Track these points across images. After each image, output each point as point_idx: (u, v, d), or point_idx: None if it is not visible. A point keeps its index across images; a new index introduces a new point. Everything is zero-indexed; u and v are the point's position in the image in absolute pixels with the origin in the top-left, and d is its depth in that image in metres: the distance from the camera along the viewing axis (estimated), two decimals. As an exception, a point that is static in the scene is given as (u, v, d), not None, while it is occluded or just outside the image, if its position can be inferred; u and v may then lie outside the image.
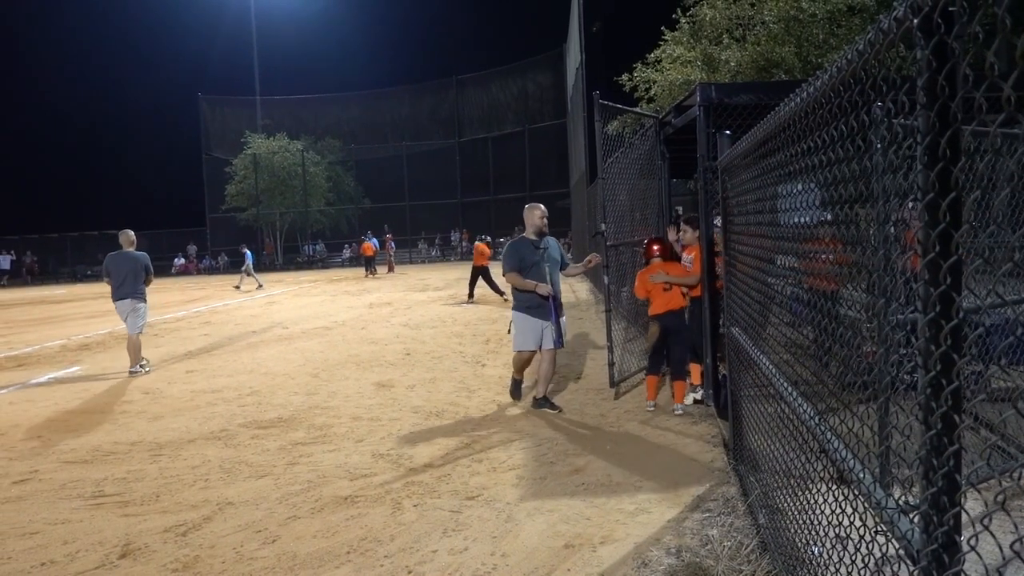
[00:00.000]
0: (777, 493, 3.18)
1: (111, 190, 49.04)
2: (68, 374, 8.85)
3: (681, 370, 6.01)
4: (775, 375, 2.83)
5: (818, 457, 2.27)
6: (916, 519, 1.33)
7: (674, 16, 16.57)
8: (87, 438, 5.85)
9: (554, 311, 6.02)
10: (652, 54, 16.99)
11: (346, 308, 15.75)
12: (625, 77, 17.39)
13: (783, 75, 14.29)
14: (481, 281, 15.61)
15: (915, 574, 1.31)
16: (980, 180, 3.43)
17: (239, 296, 21.04)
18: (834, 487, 2.14)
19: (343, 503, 4.15)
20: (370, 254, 28.34)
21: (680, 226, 6.59)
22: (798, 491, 2.69)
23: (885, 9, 13.00)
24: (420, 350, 9.45)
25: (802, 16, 13.99)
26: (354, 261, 34.96)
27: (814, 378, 2.46)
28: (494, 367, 8.11)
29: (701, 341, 6.02)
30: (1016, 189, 3.58)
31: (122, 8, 51.44)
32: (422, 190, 42.29)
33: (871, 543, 1.71)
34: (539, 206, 6.27)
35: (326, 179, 41.87)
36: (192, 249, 42.57)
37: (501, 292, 15.30)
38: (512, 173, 40.82)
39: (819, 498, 2.33)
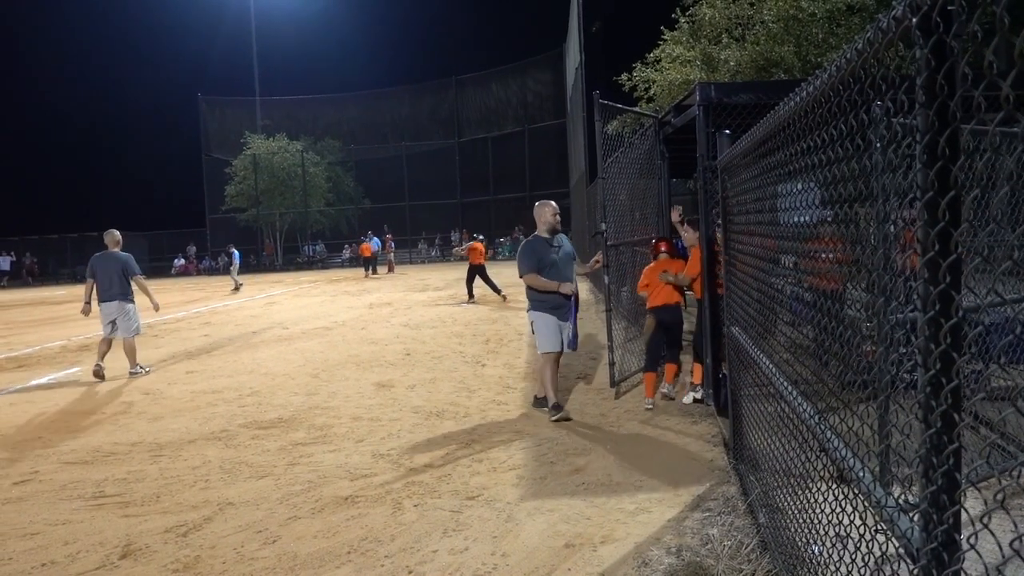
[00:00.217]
0: (777, 492, 3.18)
1: (111, 191, 49.07)
2: (68, 375, 8.85)
3: (676, 355, 6.27)
4: (775, 374, 2.83)
5: (818, 456, 2.27)
6: (916, 518, 1.33)
7: (673, 16, 16.59)
8: (87, 439, 5.85)
9: (574, 311, 5.99)
10: (651, 54, 17.00)
11: (346, 308, 15.74)
12: (625, 77, 17.40)
13: (782, 74, 14.30)
14: (479, 281, 15.61)
15: (915, 573, 1.32)
16: (979, 179, 3.43)
17: (239, 297, 21.04)
18: (834, 486, 2.14)
19: (343, 503, 4.15)
20: (368, 255, 28.38)
21: (685, 225, 6.66)
22: (798, 490, 2.70)
23: (884, 8, 12.99)
24: (420, 350, 9.45)
25: (801, 15, 14.00)
26: (354, 261, 34.95)
27: (814, 377, 2.46)
28: (494, 367, 8.12)
29: (702, 341, 6.05)
30: (1015, 187, 3.59)
31: (122, 8, 51.54)
32: (422, 190, 42.25)
33: (871, 542, 1.71)
34: (550, 203, 6.09)
35: (326, 179, 41.84)
36: (192, 250, 42.55)
37: (500, 291, 15.31)
38: (512, 173, 40.81)
39: (819, 497, 2.33)
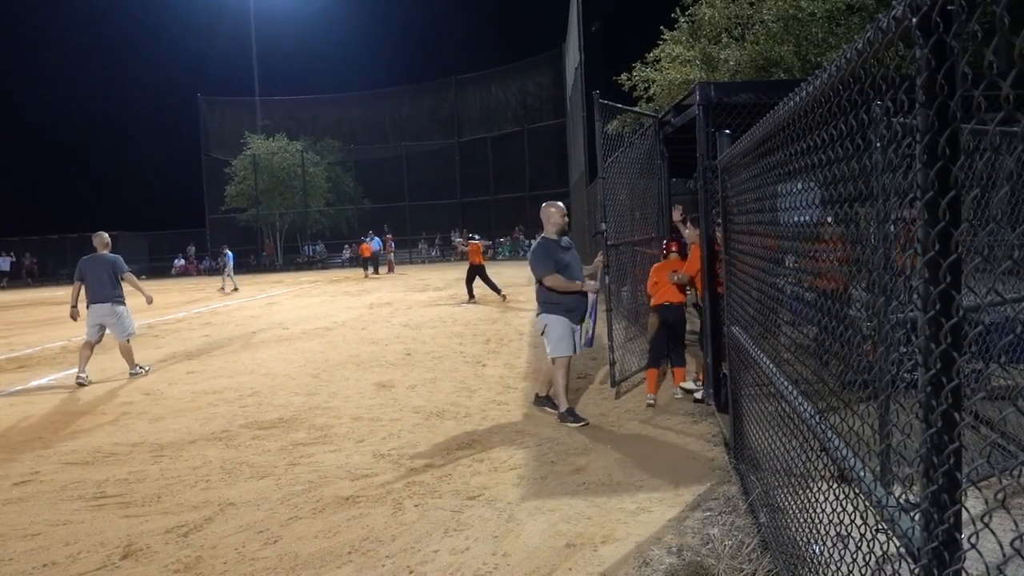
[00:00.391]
0: (778, 492, 3.19)
1: (111, 191, 49.06)
2: (69, 375, 8.84)
3: (681, 359, 6.31)
4: (775, 374, 2.83)
5: (819, 456, 2.27)
6: (917, 517, 1.34)
7: (673, 15, 16.60)
8: (88, 439, 5.86)
9: (595, 309, 6.02)
10: (651, 53, 17.00)
11: (346, 308, 15.74)
12: (624, 76, 17.40)
13: (782, 74, 14.31)
14: (479, 281, 15.60)
15: (916, 572, 1.32)
16: (979, 178, 3.43)
17: (239, 297, 21.04)
18: (835, 486, 2.14)
19: (344, 503, 4.16)
20: (368, 254, 28.43)
21: (687, 223, 6.70)
22: (799, 490, 2.70)
23: (884, 8, 13.00)
24: (420, 350, 9.45)
25: (801, 15, 14.01)
26: (354, 262, 34.95)
27: (815, 377, 2.46)
28: (494, 367, 8.12)
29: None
30: (1016, 187, 3.59)
31: (123, 9, 51.47)
32: (422, 190, 42.22)
33: (872, 541, 1.72)
34: (558, 203, 5.97)
35: (326, 179, 41.82)
36: (191, 250, 42.53)
37: (500, 291, 15.30)
38: (512, 173, 40.79)
39: (820, 496, 2.33)
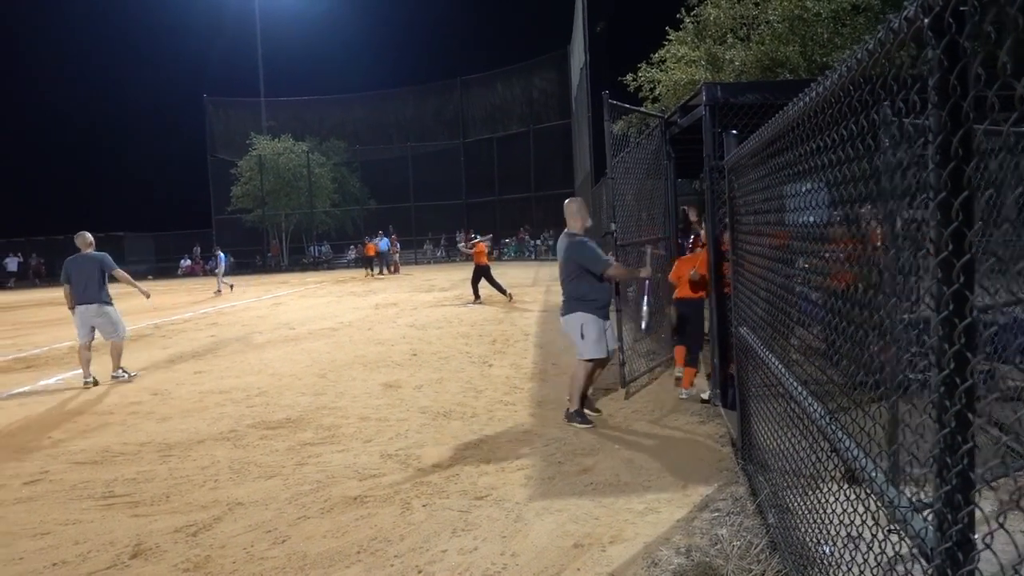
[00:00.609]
0: (787, 492, 3.18)
1: (116, 192, 49.30)
2: (76, 375, 8.86)
3: (695, 355, 6.32)
4: (784, 374, 2.83)
5: (829, 456, 2.27)
6: (930, 517, 1.34)
7: (678, 16, 16.59)
8: (96, 439, 5.88)
9: (651, 295, 6.12)
10: (656, 54, 17.00)
11: (352, 309, 15.77)
12: (629, 77, 17.39)
13: (788, 74, 14.28)
14: (484, 282, 15.59)
15: (929, 572, 1.32)
16: (992, 179, 3.43)
17: (246, 297, 21.09)
18: (845, 486, 2.14)
19: (352, 503, 4.17)
20: (371, 254, 28.55)
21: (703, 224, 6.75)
22: (808, 490, 2.70)
23: (891, 8, 12.98)
24: (427, 351, 9.46)
25: (807, 15, 13.98)
26: (360, 262, 35.03)
27: (825, 377, 2.46)
28: (501, 367, 8.12)
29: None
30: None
31: (130, 11, 51.72)
32: (427, 191, 42.22)
33: (883, 542, 1.71)
34: (579, 199, 5.80)
35: (331, 180, 41.88)
36: (197, 250, 42.65)
37: (506, 292, 15.30)
38: (517, 173, 40.73)
39: (829, 497, 2.33)
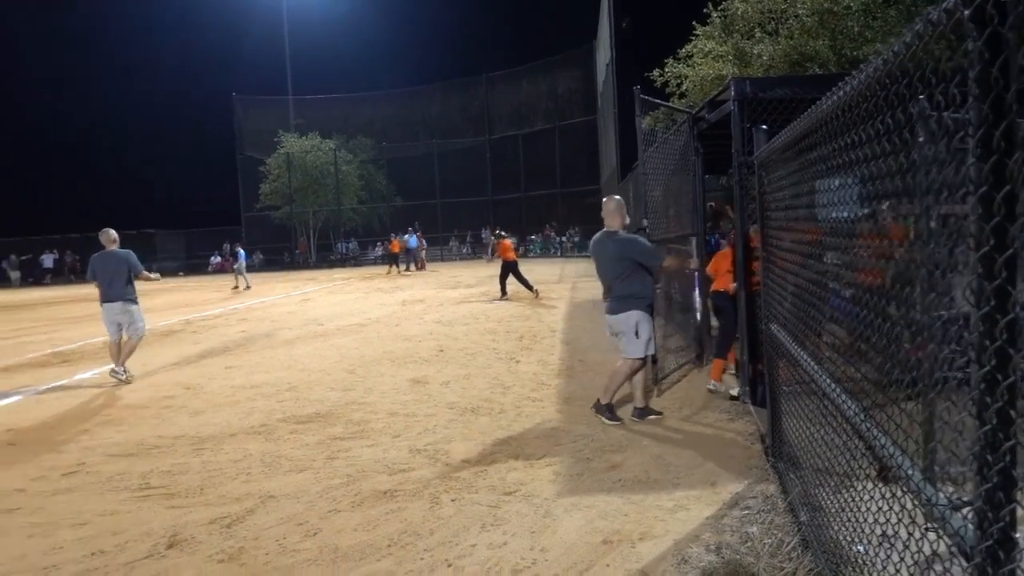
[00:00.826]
0: (818, 490, 3.16)
1: (148, 190, 50.22)
2: (111, 369, 9.07)
3: (723, 350, 6.31)
4: (816, 371, 2.81)
5: (863, 454, 2.25)
6: (969, 515, 1.32)
7: (705, 10, 16.40)
8: (131, 432, 6.01)
9: (700, 286, 6.34)
10: (683, 49, 16.82)
11: (379, 305, 15.89)
12: (656, 73, 17.25)
13: (817, 69, 14.07)
14: (512, 278, 15.62)
15: (968, 571, 1.31)
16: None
17: (274, 293, 21.34)
18: (879, 484, 2.12)
19: (382, 497, 4.21)
20: (396, 250, 28.83)
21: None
22: (841, 488, 2.67)
23: (923, 1, 12.74)
24: (454, 347, 9.51)
25: (836, 8, 13.74)
26: (387, 259, 35.33)
27: (859, 374, 2.43)
28: (528, 364, 8.13)
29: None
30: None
31: (160, 13, 52.66)
32: (453, 188, 42.34)
33: (920, 540, 1.70)
34: (617, 197, 5.71)
35: (358, 177, 42.21)
36: (227, 247, 43.22)
37: (532, 288, 15.30)
38: (543, 170, 40.67)
39: (863, 495, 2.31)
